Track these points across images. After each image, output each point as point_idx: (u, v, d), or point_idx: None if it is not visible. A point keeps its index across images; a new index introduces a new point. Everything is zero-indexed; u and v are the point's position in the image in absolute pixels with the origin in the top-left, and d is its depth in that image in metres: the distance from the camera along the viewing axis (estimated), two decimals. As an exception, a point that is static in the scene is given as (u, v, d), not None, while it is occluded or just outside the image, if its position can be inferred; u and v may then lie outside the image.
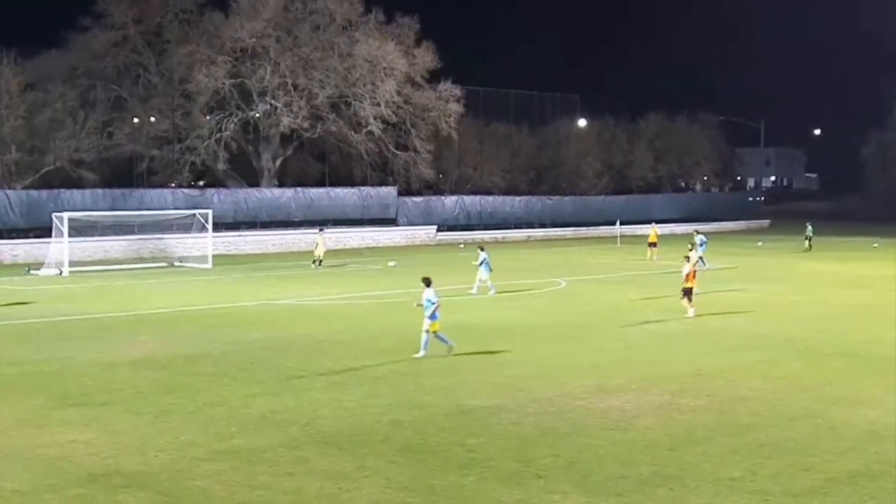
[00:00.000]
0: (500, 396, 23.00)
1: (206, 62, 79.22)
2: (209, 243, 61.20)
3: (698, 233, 61.64)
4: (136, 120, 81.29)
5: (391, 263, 58.65)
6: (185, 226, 64.62)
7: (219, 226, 68.45)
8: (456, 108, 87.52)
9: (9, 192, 67.92)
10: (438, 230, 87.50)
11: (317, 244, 59.87)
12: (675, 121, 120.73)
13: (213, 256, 60.70)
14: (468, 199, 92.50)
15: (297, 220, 79.71)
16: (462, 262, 57.34)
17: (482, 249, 44.97)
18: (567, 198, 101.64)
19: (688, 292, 36.90)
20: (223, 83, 79.54)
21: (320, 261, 58.54)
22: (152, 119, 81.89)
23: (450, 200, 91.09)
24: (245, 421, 20.71)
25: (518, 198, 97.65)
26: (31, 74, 73.86)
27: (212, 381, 24.82)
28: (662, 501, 15.73)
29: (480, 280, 43.89)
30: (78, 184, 73.47)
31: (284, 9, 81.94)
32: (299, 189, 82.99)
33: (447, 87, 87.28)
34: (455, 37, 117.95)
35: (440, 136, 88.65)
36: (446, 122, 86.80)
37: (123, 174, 79.60)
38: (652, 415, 21.35)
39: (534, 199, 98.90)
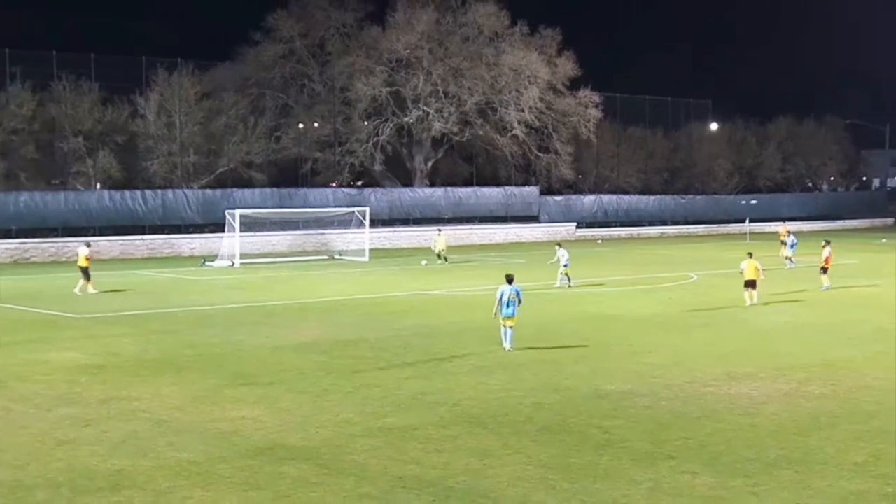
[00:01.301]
0: (634, 382, 22.81)
1: (364, 72, 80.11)
2: (366, 238, 61.74)
3: (790, 233, 59.42)
4: (300, 125, 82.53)
5: (423, 262, 56.12)
6: (344, 222, 65.33)
7: (375, 222, 69.01)
8: (595, 113, 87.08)
9: (187, 191, 69.49)
10: (578, 227, 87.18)
11: (435, 242, 58.97)
12: (803, 124, 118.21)
13: (370, 250, 61.24)
14: (606, 197, 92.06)
15: (446, 217, 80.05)
16: (599, 257, 56.94)
17: (560, 246, 44.94)
18: (699, 197, 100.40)
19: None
20: (380, 91, 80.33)
21: (445, 257, 57.79)
22: (315, 124, 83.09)
23: (588, 199, 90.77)
24: (398, 401, 20.86)
25: (652, 197, 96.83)
26: (208, 85, 75.41)
27: (368, 364, 25.05)
28: (788, 483, 15.43)
29: (562, 273, 43.53)
30: (248, 183, 74.75)
31: (437, 22, 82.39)
32: (449, 188, 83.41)
33: (587, 94, 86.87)
34: (595, 47, 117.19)
35: (580, 139, 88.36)
36: (586, 127, 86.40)
37: (289, 175, 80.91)
38: (779, 401, 20.96)
39: (667, 198, 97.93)
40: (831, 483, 15.42)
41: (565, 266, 43.54)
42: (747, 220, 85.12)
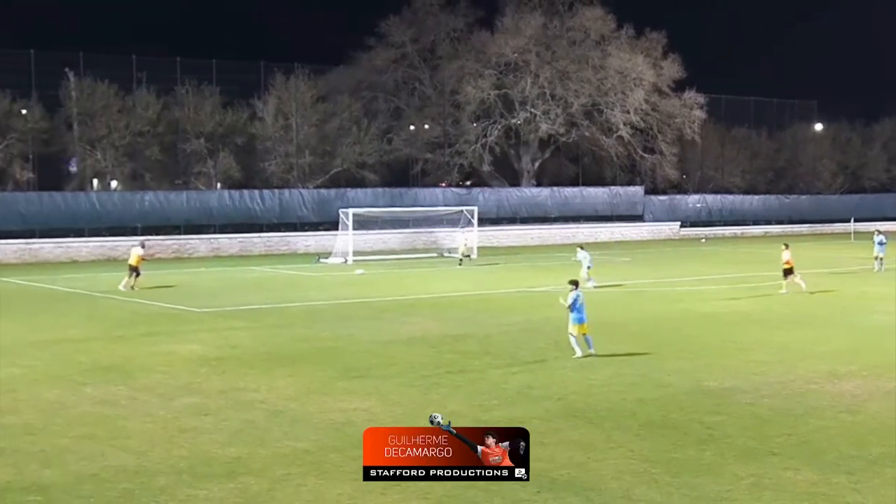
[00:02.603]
0: (737, 378, 22.50)
1: (473, 75, 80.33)
2: (475, 237, 61.80)
3: (879, 232, 57.45)
4: (411, 127, 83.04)
5: (359, 272, 49.31)
6: (453, 221, 65.48)
7: (483, 221, 69.09)
8: (699, 114, 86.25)
9: (303, 190, 70.32)
10: (682, 226, 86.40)
11: (466, 241, 56.66)
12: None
13: (478, 248, 61.30)
14: (710, 197, 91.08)
15: (552, 216, 79.88)
16: (703, 255, 56.29)
17: (582, 248, 44.23)
18: (803, 196, 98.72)
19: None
20: (489, 94, 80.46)
21: (468, 257, 55.79)
22: (426, 126, 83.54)
23: (693, 199, 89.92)
24: (504, 395, 20.86)
25: (756, 196, 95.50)
26: (323, 88, 76.29)
27: (475, 358, 25.08)
28: (891, 480, 15.09)
29: (584, 278, 41.61)
30: (361, 183, 75.39)
31: (544, 27, 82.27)
32: (555, 188, 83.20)
33: (691, 96, 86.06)
34: (700, 49, 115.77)
35: (684, 140, 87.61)
36: (690, 128, 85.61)
37: (400, 175, 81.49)
38: (882, 399, 20.50)
39: (771, 197, 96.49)
40: (935, 481, 15.05)
41: (588, 268, 42.50)
42: (852, 220, 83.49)
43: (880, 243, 51.39)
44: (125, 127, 68.23)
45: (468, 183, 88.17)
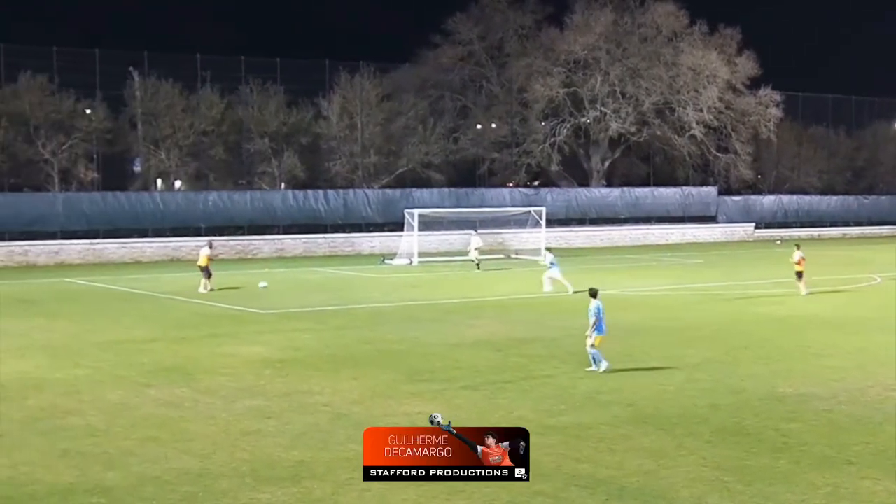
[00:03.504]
0: (813, 385, 22.24)
1: (542, 73, 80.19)
2: (543, 238, 61.65)
3: None
4: (478, 126, 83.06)
5: (262, 284, 43.97)
6: (520, 222, 65.42)
7: (551, 222, 68.87)
8: (775, 112, 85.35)
9: (367, 191, 70.63)
10: (756, 227, 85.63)
11: (475, 245, 54.45)
12: None
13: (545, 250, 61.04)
14: (786, 198, 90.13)
15: (622, 217, 79.51)
16: (777, 258, 55.66)
17: (549, 251, 43.13)
18: (884, 197, 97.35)
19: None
20: (557, 92, 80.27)
21: (478, 262, 53.36)
22: (493, 125, 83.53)
23: (768, 199, 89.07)
24: (572, 400, 20.80)
25: (834, 197, 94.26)
26: (388, 87, 76.54)
27: (542, 362, 25.05)
28: (975, 492, 14.85)
29: (551, 278, 41.29)
30: (427, 183, 75.51)
31: (615, 23, 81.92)
32: (625, 188, 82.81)
33: (767, 93, 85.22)
34: (776, 45, 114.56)
35: (759, 139, 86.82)
36: (766, 126, 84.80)
37: (466, 175, 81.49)
38: (966, 408, 20.17)
39: (850, 198, 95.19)
40: None
41: (552, 267, 41.43)
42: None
43: None
44: (189, 126, 68.94)
45: (536, 183, 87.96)
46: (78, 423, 18.97)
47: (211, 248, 43.74)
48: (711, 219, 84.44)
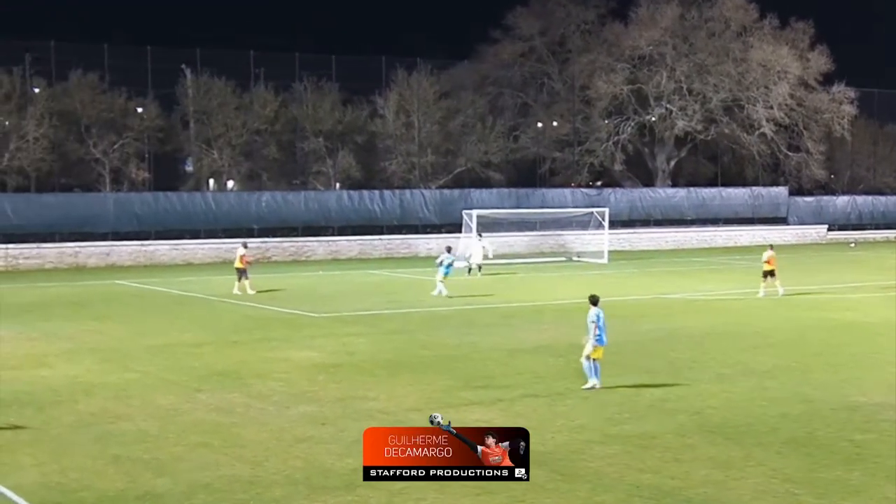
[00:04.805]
0: (888, 394, 21.95)
1: (605, 69, 79.93)
2: (605, 240, 61.40)
3: None
4: (539, 124, 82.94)
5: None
6: (582, 223, 65.19)
7: (615, 223, 68.53)
8: (849, 109, 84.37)
9: (424, 191, 70.69)
10: (829, 229, 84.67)
11: (483, 248, 52.54)
12: None
13: (609, 252, 60.91)
14: (860, 199, 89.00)
15: (689, 218, 78.99)
16: (851, 261, 55.12)
17: (449, 250, 42.04)
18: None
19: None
20: (621, 89, 79.97)
21: (479, 266, 51.52)
22: (554, 123, 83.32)
23: (842, 200, 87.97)
24: (635, 408, 20.69)
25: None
26: (446, 84, 76.57)
27: (604, 368, 24.77)
28: None
29: (441, 280, 40.64)
30: (485, 183, 75.45)
31: (681, 17, 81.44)
32: (692, 189, 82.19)
33: (841, 90, 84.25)
34: (851, 40, 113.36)
35: (832, 137, 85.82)
36: (839, 124, 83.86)
37: (527, 175, 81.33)
38: None
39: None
40: None
41: (445, 274, 40.76)
42: None
43: None
44: (242, 125, 69.38)
45: (599, 183, 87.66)
46: (128, 428, 19.15)
47: (245, 247, 43.69)
48: (782, 220, 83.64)
